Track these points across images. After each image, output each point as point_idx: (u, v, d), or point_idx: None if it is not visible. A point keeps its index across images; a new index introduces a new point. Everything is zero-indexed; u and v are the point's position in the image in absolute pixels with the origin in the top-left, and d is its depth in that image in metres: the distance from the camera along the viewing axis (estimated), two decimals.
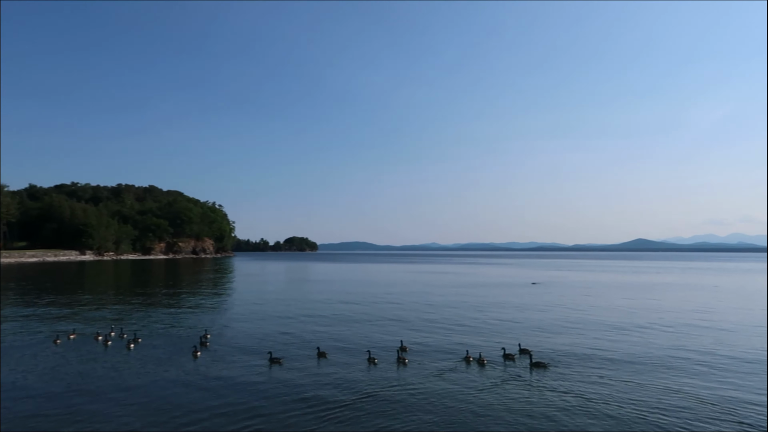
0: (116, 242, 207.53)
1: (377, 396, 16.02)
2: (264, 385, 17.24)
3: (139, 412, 14.41)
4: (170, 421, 13.60)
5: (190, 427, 13.17)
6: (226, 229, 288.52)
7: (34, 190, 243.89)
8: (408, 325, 30.61)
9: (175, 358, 21.42)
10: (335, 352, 22.42)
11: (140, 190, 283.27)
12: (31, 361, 20.55)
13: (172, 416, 14.01)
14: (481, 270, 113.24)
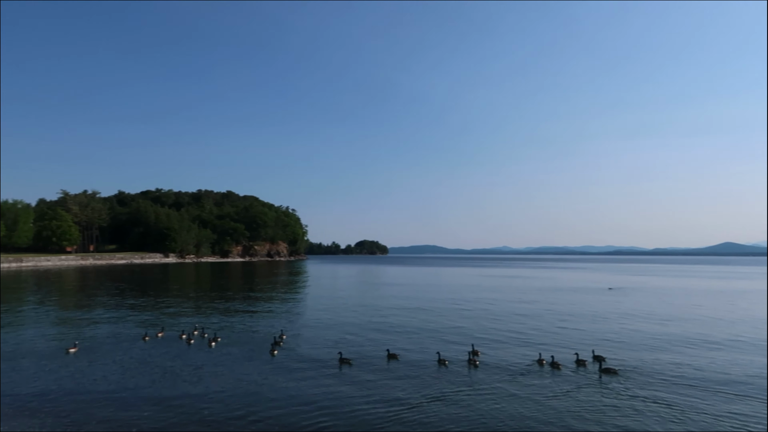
0: (197, 245, 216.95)
1: (446, 398, 16.25)
2: (334, 384, 17.80)
3: (217, 406, 15.31)
4: (247, 415, 14.43)
5: (265, 422, 13.91)
6: (299, 233, 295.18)
7: (122, 196, 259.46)
8: (478, 329, 30.52)
9: (253, 356, 22.44)
10: (405, 354, 22.75)
11: (218, 195, 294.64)
12: (120, 357, 22.11)
13: (249, 410, 14.84)
14: (554, 274, 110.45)
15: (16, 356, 22.01)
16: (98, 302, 45.28)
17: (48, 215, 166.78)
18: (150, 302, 45.38)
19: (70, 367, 20.10)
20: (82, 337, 26.39)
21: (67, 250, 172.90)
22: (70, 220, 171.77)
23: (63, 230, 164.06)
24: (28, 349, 23.52)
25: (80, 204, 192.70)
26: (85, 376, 18.63)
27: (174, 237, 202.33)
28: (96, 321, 33.37)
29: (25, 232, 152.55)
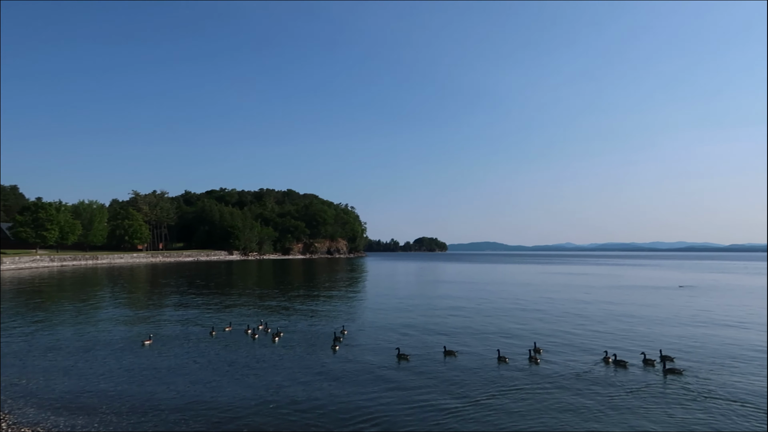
0: (259, 243, 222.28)
1: (505, 394, 16.33)
2: (391, 379, 18.10)
3: (281, 399, 15.89)
4: (311, 408, 14.98)
5: (327, 414, 14.38)
6: (359, 230, 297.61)
7: (188, 195, 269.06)
8: (541, 327, 30.15)
9: (315, 351, 23.07)
10: (464, 351, 22.81)
11: (279, 193, 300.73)
12: (190, 350, 23.18)
13: (312, 403, 15.41)
14: (621, 271, 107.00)
15: (94, 347, 23.26)
16: (168, 298, 47.23)
17: (120, 215, 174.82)
18: (216, 298, 46.92)
19: (146, 358, 21.14)
20: (155, 331, 27.62)
21: (139, 248, 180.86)
22: (141, 219, 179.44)
23: (134, 229, 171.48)
24: (107, 341, 24.86)
25: (150, 204, 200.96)
26: (159, 367, 19.68)
27: (237, 235, 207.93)
28: (167, 315, 34.90)
29: (100, 231, 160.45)
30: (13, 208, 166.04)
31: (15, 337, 26.01)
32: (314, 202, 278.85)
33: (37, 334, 26.75)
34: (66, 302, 42.73)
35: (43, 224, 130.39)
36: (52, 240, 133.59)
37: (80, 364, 20.04)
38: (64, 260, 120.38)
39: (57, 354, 21.91)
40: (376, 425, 13.47)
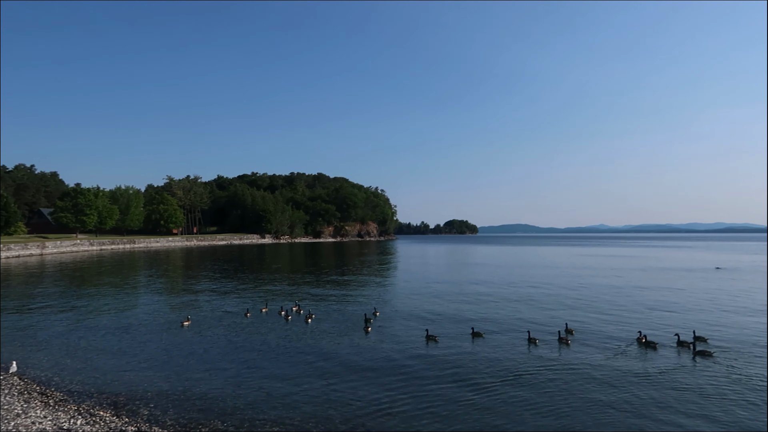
0: (291, 226, 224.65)
1: (533, 375, 16.50)
2: (420, 360, 18.46)
3: (313, 375, 16.18)
4: (342, 389, 15.34)
5: (357, 393, 14.77)
6: (389, 213, 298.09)
7: (221, 180, 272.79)
8: (571, 310, 30.05)
9: (347, 332, 23.50)
10: (493, 333, 22.98)
11: (310, 177, 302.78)
12: (226, 330, 23.89)
13: (343, 384, 15.67)
14: (655, 253, 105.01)
15: (135, 328, 24.14)
16: (204, 280, 48.36)
17: (156, 200, 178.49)
18: (249, 281, 47.86)
19: (184, 338, 21.91)
20: (192, 312, 28.44)
21: (174, 232, 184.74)
22: (176, 203, 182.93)
23: (169, 213, 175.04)
24: (147, 322, 25.77)
25: (184, 188, 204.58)
26: (198, 347, 20.42)
27: (269, 218, 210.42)
28: (202, 297, 35.84)
29: (137, 215, 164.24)
30: (53, 195, 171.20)
31: (60, 318, 27.11)
32: (344, 185, 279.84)
33: (80, 316, 27.83)
34: (106, 285, 44.16)
35: (83, 209, 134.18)
36: (91, 225, 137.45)
37: (122, 344, 20.86)
38: (103, 244, 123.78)
39: (99, 334, 22.81)
40: (406, 402, 13.82)
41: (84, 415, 12.52)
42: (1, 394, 13.94)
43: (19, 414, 12.21)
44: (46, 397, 14.07)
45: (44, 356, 18.70)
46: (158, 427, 12.00)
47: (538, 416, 12.82)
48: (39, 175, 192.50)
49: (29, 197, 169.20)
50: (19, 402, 13.32)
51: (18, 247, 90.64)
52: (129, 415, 12.86)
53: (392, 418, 12.75)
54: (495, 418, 12.67)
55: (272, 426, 12.20)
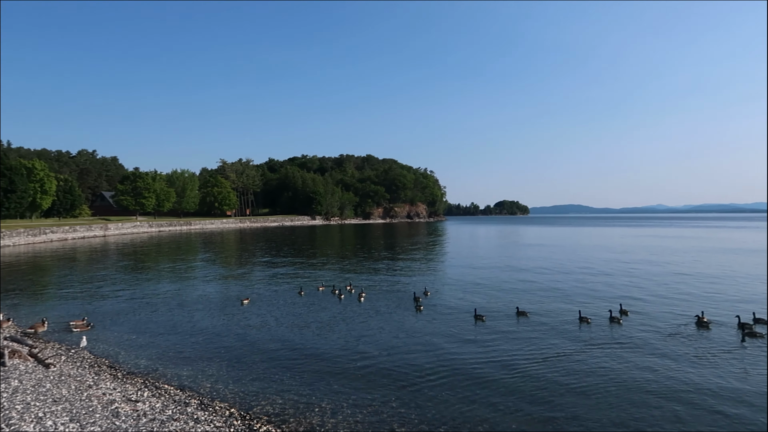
0: (340, 208, 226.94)
1: (579, 353, 16.30)
2: (467, 338, 18.67)
3: (367, 351, 16.42)
4: (395, 366, 15.44)
5: (408, 368, 14.88)
6: (438, 194, 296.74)
7: (272, 163, 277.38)
8: (625, 290, 29.31)
9: (399, 310, 23.76)
10: (541, 313, 22.75)
11: (359, 159, 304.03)
12: (283, 308, 24.48)
13: (398, 358, 15.78)
14: (717, 234, 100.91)
15: (197, 305, 24.97)
16: (258, 260, 49.53)
17: (210, 182, 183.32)
18: (301, 261, 48.71)
19: (244, 316, 22.54)
20: (250, 290, 29.22)
21: (228, 214, 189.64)
22: (229, 186, 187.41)
23: (223, 196, 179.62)
24: (208, 300, 26.65)
25: (236, 171, 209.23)
26: (256, 324, 20.95)
27: (320, 200, 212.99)
28: (258, 276, 36.79)
29: (192, 198, 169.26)
30: (114, 178, 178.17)
31: (123, 296, 28.32)
32: (393, 166, 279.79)
33: (142, 294, 28.98)
34: (166, 265, 45.82)
35: (141, 192, 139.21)
36: (150, 207, 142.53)
37: (183, 321, 21.62)
38: (161, 226, 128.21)
39: (161, 312, 23.71)
40: (453, 376, 13.91)
41: (150, 388, 13.07)
42: (75, 367, 14.70)
43: (91, 385, 12.84)
44: (115, 370, 14.74)
45: (111, 332, 19.57)
46: (219, 401, 12.40)
47: (581, 396, 12.59)
48: (100, 159, 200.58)
49: (92, 181, 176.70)
50: (90, 374, 14.02)
51: (83, 228, 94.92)
52: (192, 388, 13.33)
53: (438, 392, 12.80)
54: (534, 399, 12.53)
55: (328, 401, 12.42)
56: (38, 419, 9.71)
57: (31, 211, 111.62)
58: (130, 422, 10.24)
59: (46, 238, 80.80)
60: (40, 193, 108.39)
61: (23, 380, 12.37)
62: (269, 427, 10.84)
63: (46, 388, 11.92)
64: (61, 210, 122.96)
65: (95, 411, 10.68)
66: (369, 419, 11.40)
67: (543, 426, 11.07)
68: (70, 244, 76.00)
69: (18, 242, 72.52)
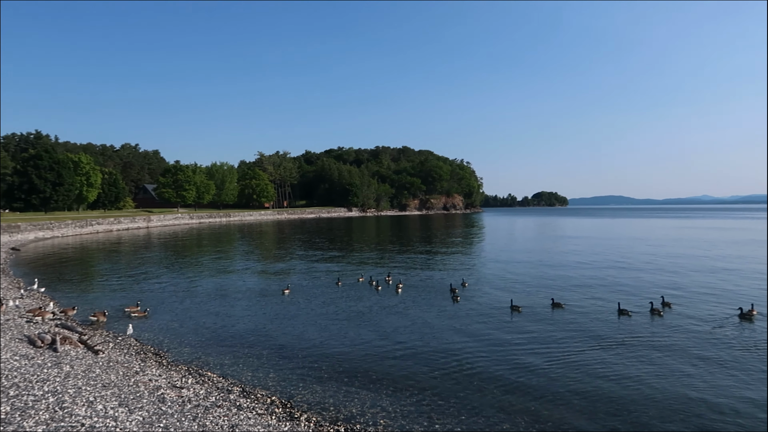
0: (376, 200, 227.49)
1: (614, 346, 16.06)
2: (505, 328, 18.74)
3: (405, 340, 16.45)
4: (427, 355, 15.43)
5: (438, 356, 14.91)
6: (474, 186, 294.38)
7: (309, 155, 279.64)
8: (666, 283, 28.60)
9: (435, 301, 23.79)
10: (578, 305, 22.51)
11: (395, 151, 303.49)
12: (322, 298, 24.79)
13: (431, 347, 15.79)
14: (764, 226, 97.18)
15: (239, 295, 25.45)
16: (296, 251, 50.15)
17: (248, 175, 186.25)
18: (338, 251, 49.11)
19: (285, 305, 22.89)
20: (289, 281, 29.63)
21: (266, 205, 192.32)
22: (267, 178, 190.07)
23: (261, 188, 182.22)
24: (250, 290, 27.18)
25: (274, 164, 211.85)
26: (297, 314, 21.26)
27: (356, 192, 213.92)
28: (297, 266, 37.39)
29: (231, 190, 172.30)
30: (156, 171, 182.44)
31: (167, 285, 29.05)
32: (429, 158, 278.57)
33: (185, 283, 29.69)
34: (207, 255, 46.81)
35: (182, 185, 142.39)
36: (191, 199, 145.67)
37: (224, 311, 22.06)
38: (201, 218, 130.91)
39: (203, 301, 24.24)
40: (490, 366, 13.86)
41: (194, 375, 13.40)
42: (123, 354, 15.18)
43: (138, 372, 13.25)
44: (160, 357, 15.16)
45: (155, 321, 20.11)
46: (261, 389, 12.63)
47: (621, 389, 12.36)
48: (143, 153, 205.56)
49: (135, 174, 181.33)
50: (136, 361, 14.45)
51: (127, 220, 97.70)
52: (234, 376, 13.61)
53: (473, 380, 12.77)
54: (573, 391, 12.35)
55: (367, 390, 12.51)
56: (89, 403, 10.07)
57: (78, 203, 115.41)
58: (175, 408, 10.53)
59: (92, 229, 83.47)
60: (87, 185, 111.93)
61: (74, 365, 12.83)
62: (309, 414, 11.00)
63: (95, 374, 12.35)
64: (106, 202, 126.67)
65: (142, 396, 11.01)
66: (407, 409, 11.45)
67: (586, 418, 10.93)
68: (114, 235, 78.33)
69: (66, 233, 75.11)
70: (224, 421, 10.04)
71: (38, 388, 10.41)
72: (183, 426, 9.54)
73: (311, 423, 10.58)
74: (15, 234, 63.96)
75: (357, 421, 10.78)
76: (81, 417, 9.21)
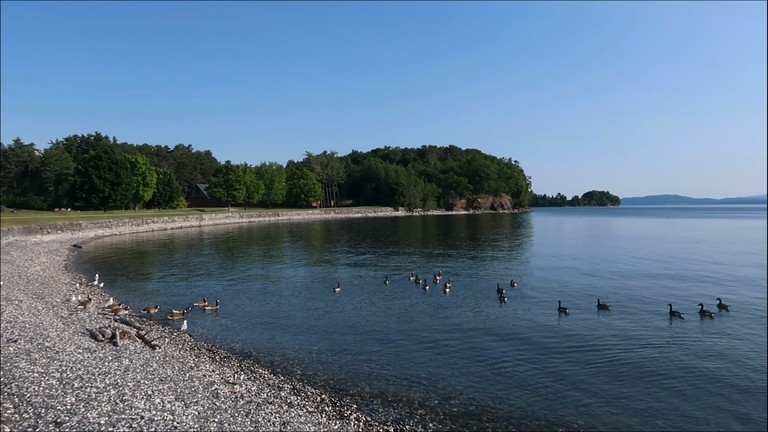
0: (423, 199, 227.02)
1: (668, 346, 15.66)
2: (551, 329, 18.67)
3: (454, 339, 16.34)
4: (480, 349, 15.34)
5: (496, 355, 14.78)
6: (523, 185, 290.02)
7: (356, 155, 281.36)
8: (723, 286, 27.46)
9: (484, 301, 23.71)
10: (629, 307, 22.18)
11: (441, 150, 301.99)
12: (372, 296, 25.05)
13: (483, 344, 15.76)
14: None
15: (291, 292, 25.88)
16: (344, 249, 50.60)
17: (296, 174, 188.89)
18: (385, 250, 49.23)
19: (336, 302, 23.17)
20: (339, 279, 29.97)
21: (313, 205, 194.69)
22: (314, 178, 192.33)
23: (309, 187, 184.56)
24: (302, 287, 27.77)
25: (321, 164, 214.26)
26: (346, 312, 21.49)
27: (402, 191, 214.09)
28: (345, 264, 37.86)
29: (280, 190, 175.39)
30: (208, 171, 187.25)
31: (219, 282, 29.79)
32: (477, 157, 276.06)
33: (236, 281, 30.37)
34: (258, 253, 47.72)
35: (233, 185, 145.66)
36: (241, 198, 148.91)
37: (276, 307, 22.48)
38: (251, 217, 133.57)
39: (254, 298, 24.72)
40: (535, 366, 13.71)
41: (246, 371, 13.68)
42: (178, 349, 15.65)
43: (192, 367, 13.62)
44: (213, 353, 15.55)
45: (209, 317, 20.64)
46: (311, 386, 12.80)
47: (670, 394, 11.92)
48: (195, 153, 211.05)
49: (188, 174, 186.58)
50: (191, 356, 14.87)
51: (180, 219, 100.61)
52: (284, 373, 13.84)
53: (516, 380, 12.58)
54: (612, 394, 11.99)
55: (416, 390, 12.50)
56: (148, 396, 10.41)
57: (135, 202, 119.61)
58: (228, 403, 10.77)
59: (147, 227, 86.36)
60: (143, 185, 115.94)
61: (133, 359, 13.30)
62: (359, 414, 11.08)
63: (153, 368, 12.76)
64: (160, 201, 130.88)
65: (197, 391, 11.32)
66: (456, 410, 11.40)
67: (635, 423, 10.63)
68: (168, 233, 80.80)
69: (123, 231, 77.97)
70: (276, 418, 10.21)
71: (100, 381, 10.82)
72: (236, 422, 9.75)
73: (360, 423, 10.66)
74: (77, 232, 66.82)
75: (406, 423, 10.80)
76: (140, 410, 9.52)
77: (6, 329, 14.47)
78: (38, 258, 38.67)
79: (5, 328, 14.54)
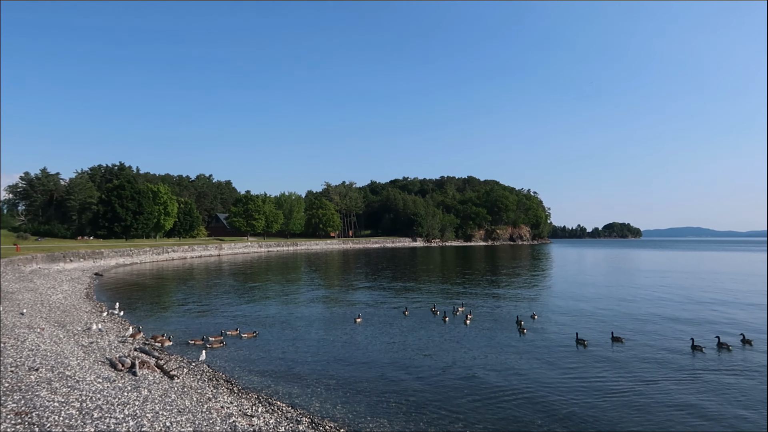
0: (441, 230, 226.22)
1: (664, 382, 15.31)
2: (569, 359, 18.79)
3: (474, 368, 16.06)
4: (495, 395, 15.12)
5: (511, 387, 14.56)
6: (542, 216, 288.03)
7: (374, 185, 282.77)
8: (746, 321, 26.77)
9: (504, 332, 23.67)
10: (649, 340, 22.07)
11: (460, 180, 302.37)
12: (391, 327, 24.95)
13: (500, 387, 15.41)
14: None
15: (311, 323, 25.79)
16: (362, 280, 50.47)
17: (315, 204, 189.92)
18: (404, 282, 49.01)
19: (356, 333, 23.03)
20: (358, 309, 29.90)
21: (331, 235, 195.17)
22: (333, 208, 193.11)
23: (327, 217, 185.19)
24: (321, 318, 27.73)
25: (340, 194, 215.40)
26: (365, 344, 21.35)
27: (420, 222, 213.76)
28: (364, 296, 37.76)
29: (299, 220, 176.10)
30: (228, 201, 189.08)
31: (238, 313, 29.81)
32: (495, 188, 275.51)
33: (255, 312, 30.37)
34: (276, 283, 47.79)
35: (252, 214, 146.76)
36: (260, 228, 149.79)
37: (295, 338, 22.40)
38: (269, 246, 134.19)
39: (273, 329, 24.66)
40: (550, 398, 13.40)
41: (264, 404, 13.57)
42: (196, 380, 15.60)
43: (210, 398, 13.55)
44: (231, 384, 15.47)
45: (227, 348, 20.59)
46: (329, 420, 12.63)
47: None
48: (216, 183, 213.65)
49: (208, 203, 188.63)
50: (209, 387, 14.80)
51: (200, 248, 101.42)
52: (302, 406, 13.70)
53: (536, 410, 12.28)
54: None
55: (436, 426, 12.28)
56: (166, 428, 10.35)
57: (156, 231, 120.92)
58: None
59: (168, 256, 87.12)
60: (164, 214, 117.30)
61: (152, 389, 13.28)
62: None
63: (171, 399, 12.71)
64: (181, 230, 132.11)
65: (215, 423, 11.23)
66: None
67: None
68: (188, 262, 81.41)
69: (144, 260, 78.76)
70: None
71: (119, 411, 10.80)
72: None
73: None
74: (98, 260, 67.65)
75: None
76: None
77: (28, 357, 14.59)
78: (60, 286, 39.16)
79: (27, 356, 14.66)
